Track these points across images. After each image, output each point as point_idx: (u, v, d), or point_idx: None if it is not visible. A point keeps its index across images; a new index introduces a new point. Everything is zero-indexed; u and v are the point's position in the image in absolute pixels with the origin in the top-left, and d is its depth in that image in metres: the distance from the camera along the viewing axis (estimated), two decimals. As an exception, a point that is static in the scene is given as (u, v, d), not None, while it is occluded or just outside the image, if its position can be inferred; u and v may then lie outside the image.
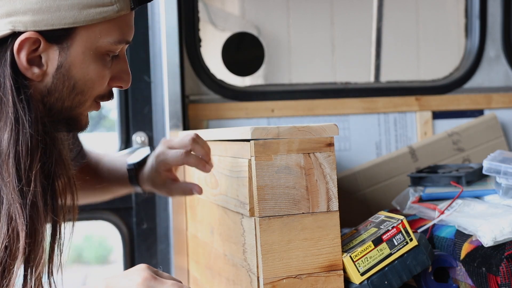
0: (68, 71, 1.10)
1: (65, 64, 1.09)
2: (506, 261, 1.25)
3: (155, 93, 1.96)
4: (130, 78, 1.19)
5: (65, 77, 1.10)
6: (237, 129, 1.28)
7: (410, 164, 2.02)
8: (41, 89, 1.11)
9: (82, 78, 1.11)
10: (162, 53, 1.91)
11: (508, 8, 2.25)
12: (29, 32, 1.05)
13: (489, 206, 1.44)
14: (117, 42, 1.13)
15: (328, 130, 1.22)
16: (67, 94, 1.12)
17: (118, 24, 1.12)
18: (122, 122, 1.98)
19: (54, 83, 1.10)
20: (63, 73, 1.10)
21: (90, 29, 1.09)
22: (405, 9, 2.87)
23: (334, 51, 2.76)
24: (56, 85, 1.10)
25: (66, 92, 1.12)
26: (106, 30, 1.11)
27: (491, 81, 2.26)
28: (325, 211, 1.22)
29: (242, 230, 1.27)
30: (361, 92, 2.16)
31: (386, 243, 1.26)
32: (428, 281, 1.35)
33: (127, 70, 1.19)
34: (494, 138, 2.13)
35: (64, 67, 1.10)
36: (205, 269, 1.61)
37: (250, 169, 1.21)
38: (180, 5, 1.93)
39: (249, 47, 2.30)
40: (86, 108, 1.16)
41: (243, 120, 2.03)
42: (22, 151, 1.05)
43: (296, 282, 1.20)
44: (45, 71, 1.09)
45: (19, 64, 1.07)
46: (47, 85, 1.10)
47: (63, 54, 1.09)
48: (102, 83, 1.15)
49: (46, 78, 1.10)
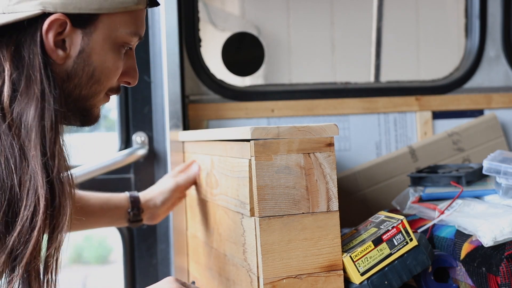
0: (89, 56, 1.14)
1: (86, 49, 1.13)
2: (506, 261, 1.26)
3: (155, 93, 1.96)
4: (137, 75, 1.24)
5: (85, 62, 1.14)
6: (237, 129, 1.28)
7: (410, 164, 2.02)
8: (61, 73, 1.13)
9: (100, 65, 1.15)
10: (162, 53, 1.91)
11: (508, 8, 2.25)
12: (58, 13, 1.09)
13: (489, 206, 1.44)
14: (133, 34, 1.17)
15: (328, 130, 1.22)
16: (85, 82, 1.15)
17: (135, 17, 1.17)
18: (122, 122, 1.98)
19: (75, 68, 1.13)
20: (84, 58, 1.13)
21: (112, 17, 1.13)
22: (405, 9, 2.87)
23: (334, 51, 2.76)
24: (76, 70, 1.14)
25: (85, 78, 1.15)
26: (125, 21, 1.15)
27: (491, 81, 2.26)
28: (325, 211, 1.22)
29: (242, 230, 1.27)
30: (361, 92, 2.16)
31: (386, 243, 1.26)
32: (428, 281, 1.35)
33: (135, 67, 1.23)
34: (494, 138, 2.13)
35: (85, 52, 1.13)
36: (205, 269, 1.61)
37: (250, 169, 1.21)
38: (180, 5, 1.93)
39: (249, 47, 2.30)
40: (99, 99, 1.20)
41: (243, 120, 2.03)
42: (47, 125, 1.08)
43: (296, 282, 1.20)
44: (68, 54, 1.12)
45: (46, 45, 1.10)
46: (67, 69, 1.13)
47: (85, 39, 1.13)
48: (116, 73, 1.19)
49: (68, 61, 1.13)
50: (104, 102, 1.23)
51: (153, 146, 1.96)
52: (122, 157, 1.92)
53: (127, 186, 1.94)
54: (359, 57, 2.80)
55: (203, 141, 1.59)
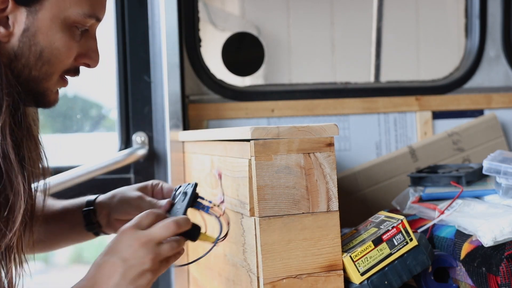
0: (34, 36, 1.11)
1: (31, 28, 1.11)
2: (506, 261, 1.25)
3: (155, 93, 1.96)
4: (98, 57, 1.20)
5: (31, 42, 1.11)
6: (237, 129, 1.28)
7: (410, 164, 2.02)
8: (8, 52, 1.11)
9: (49, 46, 1.12)
10: (162, 53, 1.91)
11: (508, 8, 2.25)
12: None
13: (489, 206, 1.44)
14: (86, 16, 1.14)
15: (328, 130, 1.22)
16: (33, 62, 1.12)
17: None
18: (122, 122, 1.98)
19: (21, 47, 1.11)
20: (29, 37, 1.11)
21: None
22: (405, 9, 2.87)
23: (334, 51, 2.76)
24: (22, 49, 1.11)
25: (32, 59, 1.12)
26: (76, 1, 1.12)
27: (491, 81, 2.26)
28: (325, 211, 1.22)
29: (242, 230, 1.27)
30: (361, 92, 2.16)
31: (386, 243, 1.26)
32: (428, 281, 1.35)
33: (96, 49, 1.19)
34: (494, 138, 2.13)
35: (30, 31, 1.11)
36: (205, 269, 1.61)
37: (250, 169, 1.21)
38: (180, 5, 1.93)
39: (249, 47, 2.30)
40: (53, 82, 1.17)
41: (243, 120, 2.03)
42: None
43: (296, 282, 1.20)
44: (11, 32, 1.10)
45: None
46: (13, 48, 1.11)
47: (30, 18, 1.10)
48: (69, 55, 1.16)
49: (12, 39, 1.11)
50: (61, 85, 1.20)
51: (153, 146, 1.96)
52: (122, 157, 1.92)
53: (127, 186, 1.94)
54: (359, 57, 2.79)
55: (203, 141, 1.59)
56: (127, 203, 1.41)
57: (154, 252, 1.13)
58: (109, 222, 1.44)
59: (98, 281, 1.12)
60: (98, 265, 1.13)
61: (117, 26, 1.97)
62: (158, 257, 1.14)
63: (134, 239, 1.13)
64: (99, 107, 2.53)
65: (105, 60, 1.99)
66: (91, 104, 2.56)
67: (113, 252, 1.13)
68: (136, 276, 1.12)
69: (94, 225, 1.45)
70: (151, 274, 1.14)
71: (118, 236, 1.15)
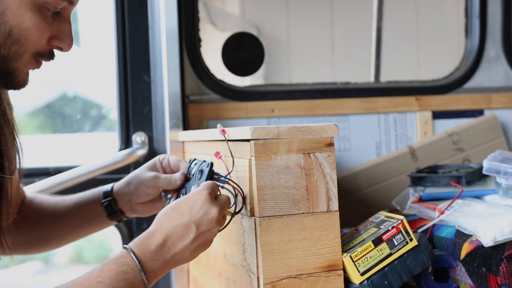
0: (3, 14, 1.11)
1: (0, 6, 1.11)
2: (506, 261, 1.25)
3: (155, 93, 1.96)
4: (71, 41, 1.19)
5: (0, 20, 1.11)
6: (237, 129, 1.28)
7: (410, 164, 2.02)
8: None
9: (18, 25, 1.12)
10: (162, 53, 1.91)
11: (508, 8, 2.25)
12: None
13: (489, 206, 1.44)
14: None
15: (328, 130, 1.22)
16: (2, 41, 1.12)
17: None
18: (122, 122, 1.98)
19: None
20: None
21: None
22: (405, 9, 2.87)
23: (334, 51, 2.75)
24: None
25: (1, 37, 1.12)
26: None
27: (491, 81, 2.26)
28: (325, 211, 1.22)
29: (242, 230, 1.27)
30: (361, 92, 2.16)
31: (386, 243, 1.26)
32: (428, 281, 1.35)
33: (70, 32, 1.18)
34: (494, 138, 2.13)
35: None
36: (205, 269, 1.61)
37: (250, 169, 1.21)
38: (180, 5, 1.93)
39: (249, 47, 2.30)
40: (23, 63, 1.16)
41: (243, 120, 2.03)
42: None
43: (296, 282, 1.20)
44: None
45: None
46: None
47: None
48: (39, 36, 1.15)
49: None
50: (32, 67, 1.19)
51: (153, 146, 1.96)
52: (122, 157, 1.92)
53: (127, 186, 1.94)
54: (359, 57, 2.79)
55: (203, 141, 1.59)
56: (144, 186, 1.45)
57: (220, 225, 1.19)
58: (131, 207, 1.49)
59: (168, 240, 1.15)
60: (170, 224, 1.16)
61: (117, 26, 1.97)
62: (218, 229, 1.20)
63: (212, 207, 1.17)
64: (99, 107, 2.53)
65: (105, 60, 1.99)
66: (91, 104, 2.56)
67: (190, 216, 1.16)
68: (201, 244, 1.18)
69: (117, 213, 1.50)
70: (209, 244, 1.20)
71: (194, 199, 1.18)
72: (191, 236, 1.16)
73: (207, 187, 1.20)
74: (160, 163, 1.49)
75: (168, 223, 1.16)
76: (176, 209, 1.17)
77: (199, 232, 1.16)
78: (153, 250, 1.14)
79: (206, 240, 1.18)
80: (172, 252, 1.15)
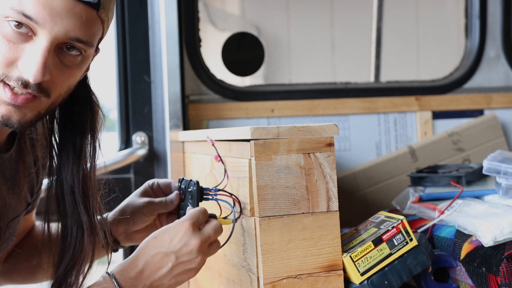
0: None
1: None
2: (506, 261, 1.25)
3: (155, 93, 1.96)
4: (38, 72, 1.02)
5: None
6: (237, 129, 1.28)
7: (410, 164, 2.02)
8: None
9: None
10: (162, 53, 1.91)
11: (508, 8, 2.25)
12: None
13: (489, 206, 1.44)
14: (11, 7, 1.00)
15: (328, 130, 1.22)
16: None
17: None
18: (122, 122, 1.98)
19: None
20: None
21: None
22: (405, 9, 2.87)
23: (334, 51, 2.76)
24: None
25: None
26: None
27: (491, 81, 2.26)
28: (325, 211, 1.22)
29: (242, 230, 1.27)
30: (361, 92, 2.16)
31: (386, 243, 1.26)
32: (428, 281, 1.35)
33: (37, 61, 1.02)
34: (494, 138, 2.13)
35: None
36: (205, 269, 1.61)
37: (250, 169, 1.21)
38: (180, 5, 1.93)
39: (249, 47, 2.30)
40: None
41: (243, 120, 2.03)
42: None
43: (296, 282, 1.20)
44: None
45: None
46: None
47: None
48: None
49: None
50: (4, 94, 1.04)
51: (153, 146, 1.96)
52: (122, 157, 1.92)
53: (127, 186, 1.94)
54: (359, 57, 2.80)
55: (203, 141, 1.59)
56: (139, 213, 1.41)
57: (205, 254, 1.19)
58: (127, 236, 1.45)
59: (147, 267, 1.16)
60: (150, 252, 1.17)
61: (117, 26, 1.97)
62: (206, 258, 1.20)
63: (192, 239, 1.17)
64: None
65: (104, 60, 1.99)
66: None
67: (169, 246, 1.17)
68: (182, 273, 1.18)
69: (113, 243, 1.45)
70: (195, 273, 1.20)
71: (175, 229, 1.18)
72: (169, 265, 1.17)
73: (191, 217, 1.19)
74: (150, 188, 1.46)
75: (149, 251, 1.17)
76: (158, 237, 1.18)
77: (178, 262, 1.17)
78: (133, 276, 1.16)
79: (188, 269, 1.19)
80: (151, 279, 1.17)
